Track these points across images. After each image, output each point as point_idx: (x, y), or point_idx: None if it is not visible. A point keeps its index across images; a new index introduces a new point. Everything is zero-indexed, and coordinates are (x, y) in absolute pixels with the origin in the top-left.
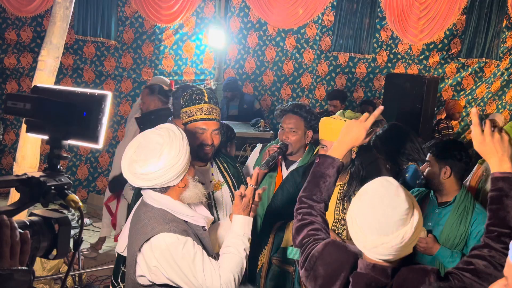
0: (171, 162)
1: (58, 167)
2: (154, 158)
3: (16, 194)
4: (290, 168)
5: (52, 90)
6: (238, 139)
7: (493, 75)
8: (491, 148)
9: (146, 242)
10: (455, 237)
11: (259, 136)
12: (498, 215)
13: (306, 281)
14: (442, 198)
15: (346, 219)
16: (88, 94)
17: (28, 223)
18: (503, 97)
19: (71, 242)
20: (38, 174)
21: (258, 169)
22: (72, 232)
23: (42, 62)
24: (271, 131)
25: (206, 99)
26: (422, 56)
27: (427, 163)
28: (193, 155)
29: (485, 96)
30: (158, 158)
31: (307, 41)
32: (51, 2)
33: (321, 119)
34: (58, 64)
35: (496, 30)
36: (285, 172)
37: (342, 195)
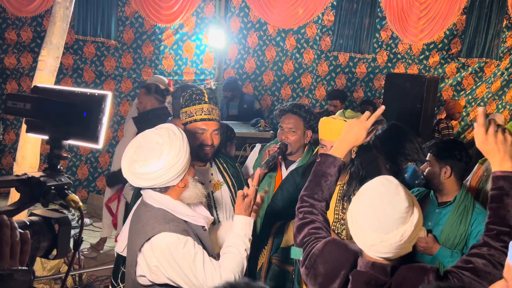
0: (171, 162)
1: (58, 167)
2: (154, 158)
3: (16, 194)
4: (290, 168)
5: (52, 90)
6: (238, 139)
7: (493, 75)
8: (494, 147)
9: (146, 241)
10: (455, 237)
11: (259, 136)
12: (498, 214)
13: (306, 279)
14: (442, 198)
15: (346, 219)
16: (88, 94)
17: (28, 223)
18: (503, 97)
19: (71, 242)
20: (38, 174)
21: (260, 170)
22: (72, 232)
23: (42, 62)
24: (271, 131)
25: (206, 100)
26: (422, 56)
27: (427, 163)
28: (193, 155)
29: (485, 96)
30: (158, 158)
31: (307, 41)
32: (51, 2)
33: (320, 119)
34: (58, 64)
35: (496, 30)
36: (284, 172)
37: (342, 195)
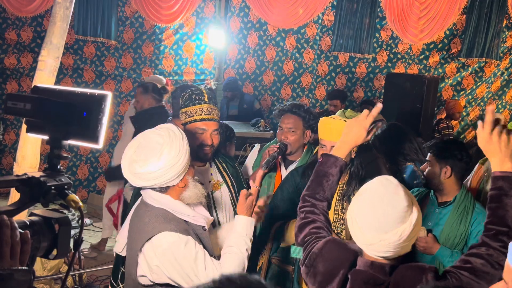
0: (171, 162)
1: (58, 167)
2: (154, 158)
3: (16, 194)
4: (289, 168)
5: (52, 90)
6: (238, 139)
7: (493, 75)
8: (496, 147)
9: (147, 241)
10: (455, 236)
11: (259, 136)
12: (497, 214)
13: (306, 277)
14: (442, 198)
15: (345, 219)
16: (88, 94)
17: (28, 223)
18: (503, 97)
19: (71, 242)
20: (38, 174)
21: (262, 170)
22: (72, 232)
23: (42, 62)
24: (271, 131)
25: (206, 100)
26: (422, 56)
27: (428, 163)
28: (192, 155)
29: (485, 96)
30: (158, 158)
31: (307, 41)
32: (51, 2)
33: (320, 119)
34: (58, 64)
35: (496, 29)
36: (284, 172)
37: (341, 195)
